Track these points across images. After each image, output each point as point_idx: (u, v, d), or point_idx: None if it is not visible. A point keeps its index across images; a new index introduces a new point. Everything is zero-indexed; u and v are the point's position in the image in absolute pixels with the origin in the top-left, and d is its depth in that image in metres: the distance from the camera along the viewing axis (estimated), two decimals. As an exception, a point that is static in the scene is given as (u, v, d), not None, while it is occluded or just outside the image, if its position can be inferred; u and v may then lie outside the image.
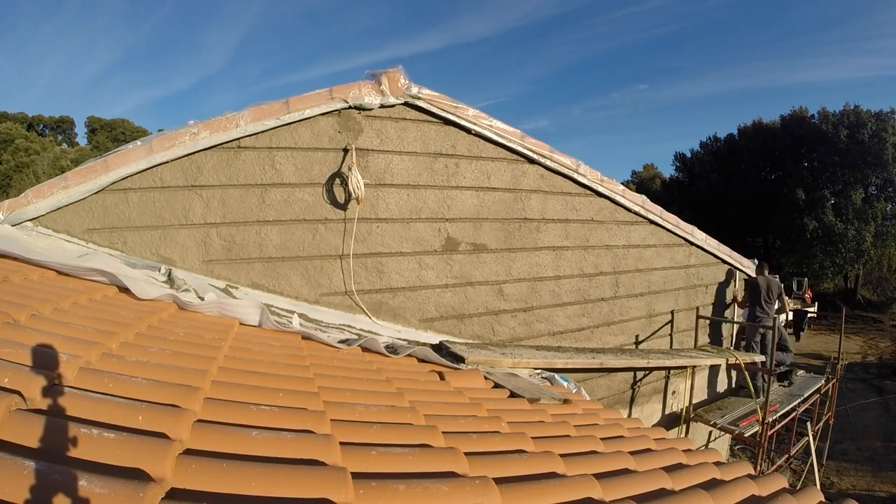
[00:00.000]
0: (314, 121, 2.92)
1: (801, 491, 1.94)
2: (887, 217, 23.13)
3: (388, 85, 3.01)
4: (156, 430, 1.03)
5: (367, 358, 2.49)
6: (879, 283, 25.18)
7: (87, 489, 0.76)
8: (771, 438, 5.87)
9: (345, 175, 2.98)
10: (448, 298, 3.54)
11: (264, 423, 1.24)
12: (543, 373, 3.40)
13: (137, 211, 2.61)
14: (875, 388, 12.79)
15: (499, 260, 3.75)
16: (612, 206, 4.37)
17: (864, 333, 19.13)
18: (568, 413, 2.45)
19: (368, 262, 3.21)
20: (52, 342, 1.27)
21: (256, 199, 2.86)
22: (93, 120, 45.38)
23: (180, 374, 1.39)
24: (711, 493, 1.61)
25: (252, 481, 0.95)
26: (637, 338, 4.89)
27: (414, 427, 1.54)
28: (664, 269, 5.01)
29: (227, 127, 2.67)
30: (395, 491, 1.08)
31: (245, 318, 2.42)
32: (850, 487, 7.86)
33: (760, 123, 27.01)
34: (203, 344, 1.81)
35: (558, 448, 1.72)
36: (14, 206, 2.36)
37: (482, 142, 3.52)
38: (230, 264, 2.83)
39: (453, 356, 2.95)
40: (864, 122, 22.47)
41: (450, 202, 3.47)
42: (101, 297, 2.06)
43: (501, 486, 1.23)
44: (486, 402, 2.19)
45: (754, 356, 5.40)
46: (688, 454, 2.11)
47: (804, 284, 19.64)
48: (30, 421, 0.91)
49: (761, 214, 24.36)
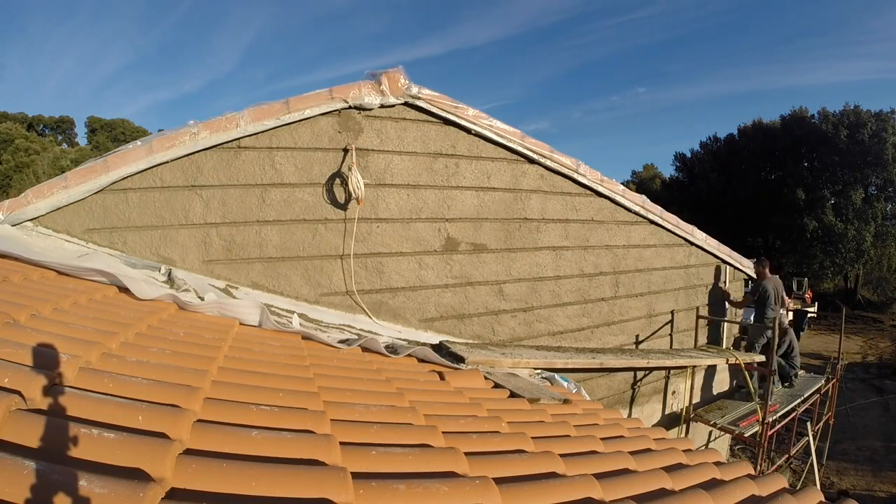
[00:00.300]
0: (314, 121, 2.92)
1: (801, 491, 1.94)
2: (887, 217, 23.12)
3: (388, 85, 3.01)
4: (156, 430, 1.03)
5: (367, 358, 2.49)
6: (879, 283, 25.17)
7: (87, 489, 0.76)
8: (771, 438, 5.87)
9: (345, 175, 2.98)
10: (448, 298, 3.55)
11: (264, 423, 1.24)
12: (543, 373, 3.40)
13: (137, 211, 2.61)
14: (875, 388, 12.79)
15: (499, 260, 3.75)
16: (612, 206, 4.37)
17: (864, 333, 19.13)
18: (568, 413, 2.45)
19: (368, 262, 3.21)
20: (52, 342, 1.27)
21: (256, 199, 2.86)
22: (93, 120, 45.38)
23: (180, 374, 1.39)
24: (711, 493, 1.61)
25: (252, 481, 0.95)
26: (637, 338, 4.89)
27: (414, 427, 1.54)
28: (664, 269, 5.01)
29: (227, 127, 2.67)
30: (395, 491, 1.08)
31: (245, 318, 2.42)
32: (851, 487, 7.86)
33: (760, 123, 27.01)
34: (203, 344, 1.81)
35: (558, 448, 1.72)
36: (14, 206, 2.36)
37: (482, 142, 3.52)
38: (230, 264, 2.83)
39: (453, 356, 2.95)
40: (864, 122, 22.46)
41: (450, 202, 3.47)
42: (101, 297, 2.06)
43: (501, 486, 1.23)
44: (486, 402, 2.19)
45: (754, 356, 5.40)
46: (688, 454, 2.11)
47: (804, 284, 19.63)
48: (30, 421, 0.91)
49: (761, 214, 24.36)
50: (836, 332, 10.88)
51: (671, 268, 5.09)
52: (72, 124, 48.51)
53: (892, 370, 14.12)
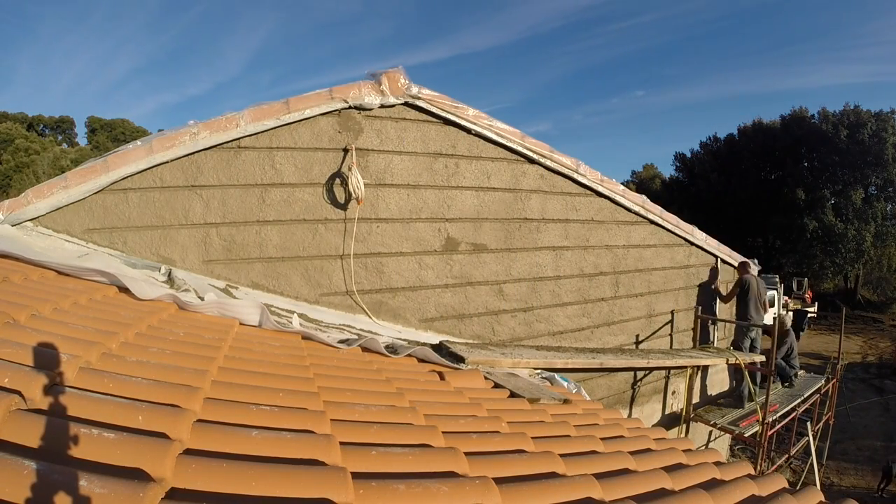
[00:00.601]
0: (314, 121, 2.92)
1: (801, 491, 1.94)
2: (887, 217, 23.14)
3: (388, 85, 3.01)
4: (156, 429, 1.03)
5: (367, 358, 2.49)
6: (879, 283, 25.18)
7: (87, 489, 0.76)
8: (771, 438, 5.87)
9: (345, 175, 2.98)
10: (448, 298, 3.55)
11: (264, 423, 1.24)
12: (543, 373, 3.40)
13: (137, 211, 2.61)
14: (875, 388, 12.80)
15: (499, 260, 3.75)
16: (612, 206, 4.37)
17: (864, 333, 19.14)
18: (568, 413, 2.45)
19: (368, 262, 3.21)
20: (52, 342, 1.27)
21: (256, 199, 2.86)
22: (93, 120, 45.37)
23: (180, 374, 1.39)
24: (711, 493, 1.61)
25: (252, 481, 0.95)
26: (637, 338, 4.89)
27: (414, 427, 1.54)
28: (664, 269, 5.01)
29: (227, 127, 2.67)
30: (395, 491, 1.08)
31: (245, 318, 2.42)
32: (851, 487, 7.86)
33: (760, 123, 27.02)
34: (203, 344, 1.81)
35: (558, 448, 1.72)
36: (14, 206, 2.36)
37: (482, 142, 3.52)
38: (230, 264, 2.83)
39: (453, 356, 2.95)
40: (864, 122, 22.48)
41: (450, 202, 3.47)
42: (101, 297, 2.06)
43: (501, 486, 1.23)
44: (486, 402, 2.19)
45: (754, 356, 5.40)
46: (688, 454, 2.11)
47: (804, 284, 19.65)
48: (30, 421, 0.91)
49: (761, 214, 24.37)
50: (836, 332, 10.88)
51: (671, 268, 5.09)
52: (72, 124, 48.54)
53: (892, 370, 14.13)
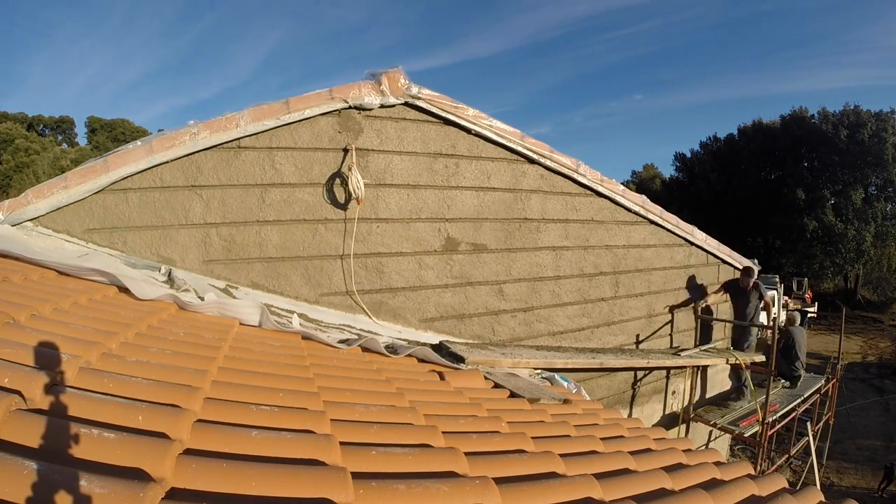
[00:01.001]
0: (314, 121, 2.92)
1: (801, 491, 1.94)
2: (887, 217, 23.14)
3: (387, 85, 3.01)
4: (156, 429, 1.03)
5: (367, 358, 2.49)
6: (879, 283, 25.19)
7: (87, 489, 0.76)
8: (771, 438, 5.87)
9: (345, 175, 2.98)
10: (448, 298, 3.55)
11: (264, 423, 1.24)
12: (543, 373, 3.40)
13: (137, 211, 2.61)
14: (875, 388, 12.81)
15: (499, 260, 3.75)
16: (612, 206, 4.37)
17: (864, 333, 19.15)
18: (568, 413, 2.45)
19: (368, 262, 3.21)
20: (52, 342, 1.27)
21: (256, 199, 2.86)
22: (93, 120, 45.36)
23: (180, 374, 1.39)
24: (711, 493, 1.61)
25: (252, 481, 0.95)
26: (637, 338, 4.89)
27: (414, 427, 1.54)
28: (664, 269, 5.01)
29: (227, 127, 2.67)
30: (395, 491, 1.08)
31: (245, 318, 2.42)
32: (851, 487, 7.86)
33: (760, 123, 27.01)
34: (203, 344, 1.81)
35: (558, 448, 1.72)
36: (14, 206, 2.36)
37: (482, 142, 3.52)
38: (230, 264, 2.83)
39: (453, 356, 2.95)
40: (864, 122, 22.47)
41: (450, 202, 3.47)
42: (101, 297, 2.06)
43: (501, 486, 1.23)
44: (486, 402, 2.19)
45: (754, 356, 5.40)
46: (688, 454, 2.11)
47: (804, 284, 19.63)
48: (30, 421, 0.91)
49: (761, 214, 24.37)
50: (836, 332, 10.87)
51: (671, 268, 5.09)
52: (72, 124, 48.51)
53: (892, 370, 14.13)
